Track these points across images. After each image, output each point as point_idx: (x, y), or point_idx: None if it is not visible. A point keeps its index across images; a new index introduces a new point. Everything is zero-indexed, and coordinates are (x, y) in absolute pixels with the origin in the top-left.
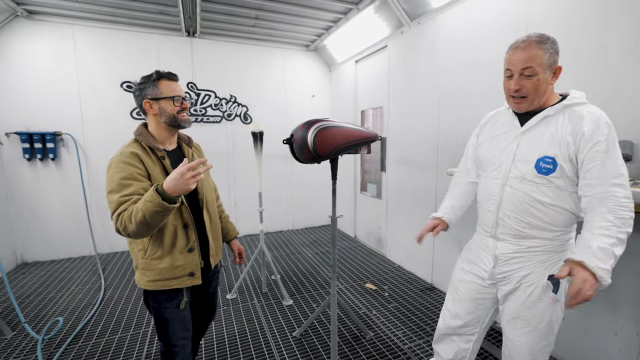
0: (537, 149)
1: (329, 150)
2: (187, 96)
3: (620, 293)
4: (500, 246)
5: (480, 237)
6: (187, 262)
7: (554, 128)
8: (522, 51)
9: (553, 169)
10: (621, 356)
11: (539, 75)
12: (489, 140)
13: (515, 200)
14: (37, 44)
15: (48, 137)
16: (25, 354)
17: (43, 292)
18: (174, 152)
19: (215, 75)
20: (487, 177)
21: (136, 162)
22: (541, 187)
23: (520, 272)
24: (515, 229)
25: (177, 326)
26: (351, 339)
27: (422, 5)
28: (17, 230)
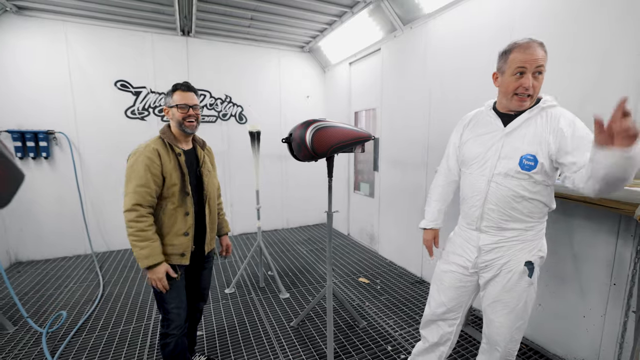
0: (520, 148)
1: (325, 148)
2: (196, 105)
3: (588, 278)
4: (484, 238)
5: (463, 231)
6: (181, 243)
7: (534, 128)
8: (536, 50)
9: (534, 165)
10: (588, 336)
11: (543, 75)
12: (472, 139)
13: (500, 195)
14: (27, 41)
15: (41, 135)
16: (30, 347)
17: (41, 289)
18: (188, 152)
19: (211, 75)
20: (472, 174)
21: (155, 158)
22: (523, 182)
23: (501, 260)
24: (499, 221)
25: (173, 295)
26: (345, 328)
27: (414, 11)
28: (11, 229)
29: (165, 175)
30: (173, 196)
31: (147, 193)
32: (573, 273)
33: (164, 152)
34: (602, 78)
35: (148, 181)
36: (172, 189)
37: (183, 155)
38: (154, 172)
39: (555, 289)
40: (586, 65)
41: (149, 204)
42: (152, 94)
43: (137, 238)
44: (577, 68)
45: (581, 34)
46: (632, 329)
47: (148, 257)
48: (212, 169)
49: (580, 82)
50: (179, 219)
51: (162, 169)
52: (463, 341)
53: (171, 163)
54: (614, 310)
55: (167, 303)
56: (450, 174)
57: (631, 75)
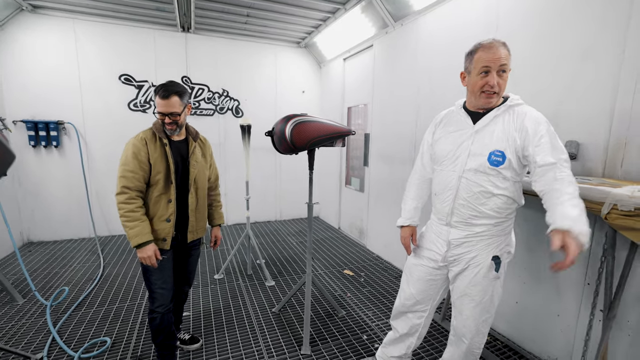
0: (488, 144)
1: (304, 142)
2: (173, 113)
3: (563, 277)
4: (453, 232)
5: (434, 225)
6: (163, 229)
7: (501, 125)
8: (498, 49)
9: (502, 161)
10: (563, 336)
11: (507, 73)
12: (444, 137)
13: (470, 191)
14: (40, 37)
15: (52, 125)
16: (35, 317)
17: (48, 267)
18: (179, 143)
19: (209, 69)
20: (444, 171)
21: (142, 147)
22: (492, 178)
23: (469, 255)
24: (468, 216)
25: (157, 276)
26: (324, 316)
27: (405, 7)
28: (24, 211)
29: (152, 163)
30: (158, 184)
31: (135, 178)
32: (549, 271)
33: (151, 141)
34: (585, 74)
35: (135, 167)
36: (157, 177)
37: (169, 146)
38: (140, 160)
39: (531, 286)
40: (569, 62)
41: (137, 188)
42: (153, 87)
43: (127, 219)
44: (561, 65)
45: (564, 31)
46: (598, 328)
47: (137, 235)
48: (203, 159)
49: (563, 79)
50: (162, 206)
51: (149, 156)
52: (437, 333)
53: (157, 152)
54: (587, 311)
55: (152, 283)
56: (425, 171)
57: (613, 73)
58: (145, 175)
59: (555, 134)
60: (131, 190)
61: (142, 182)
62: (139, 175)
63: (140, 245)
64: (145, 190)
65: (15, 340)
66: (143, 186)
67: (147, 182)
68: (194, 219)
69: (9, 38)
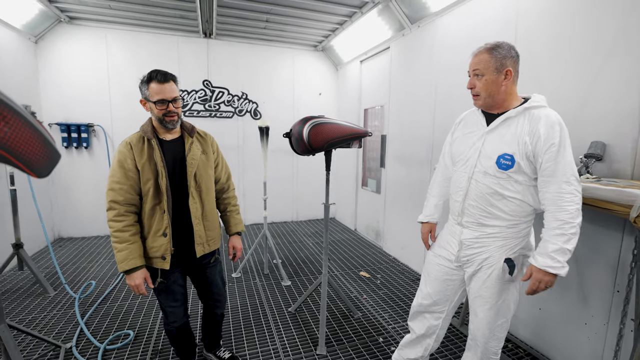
0: (498, 147)
1: (321, 143)
2: (176, 98)
3: (590, 285)
4: (465, 232)
5: (449, 225)
6: (160, 245)
7: (514, 129)
8: (474, 56)
9: (511, 164)
10: (589, 344)
11: (486, 77)
12: (460, 138)
13: (479, 192)
14: (75, 46)
15: (83, 128)
16: (65, 309)
17: (77, 262)
18: (173, 142)
19: (229, 73)
20: (457, 171)
21: (127, 152)
22: (501, 181)
23: (481, 255)
24: (478, 217)
25: (164, 297)
26: (340, 317)
27: (421, 10)
28: (56, 209)
29: (139, 169)
30: (149, 193)
31: (123, 190)
32: (575, 278)
33: (137, 145)
34: (611, 73)
35: (122, 177)
36: (148, 185)
37: (159, 147)
38: (127, 167)
39: (556, 293)
40: (594, 60)
41: (128, 202)
42: None
43: (115, 239)
44: (585, 63)
45: (588, 28)
46: (629, 337)
47: (124, 260)
48: (204, 156)
49: (587, 78)
50: (157, 218)
51: (136, 163)
52: (456, 338)
53: (144, 156)
54: (617, 319)
55: (162, 303)
56: (447, 170)
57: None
58: (134, 185)
59: (569, 144)
60: (120, 205)
61: (132, 193)
62: (127, 186)
63: (127, 272)
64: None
65: (48, 330)
66: (134, 198)
67: (139, 192)
68: (201, 229)
69: (47, 47)
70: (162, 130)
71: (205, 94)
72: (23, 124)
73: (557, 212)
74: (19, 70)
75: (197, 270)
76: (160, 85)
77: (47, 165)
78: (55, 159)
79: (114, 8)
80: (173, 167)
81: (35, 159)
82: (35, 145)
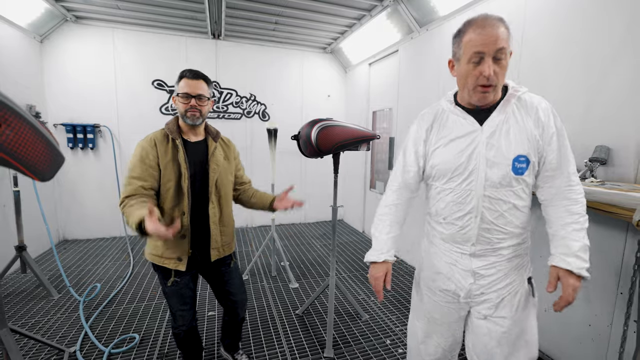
0: (509, 149)
1: (329, 146)
2: (201, 95)
3: (594, 286)
4: (476, 260)
5: (446, 252)
6: (177, 246)
7: (515, 123)
8: (494, 28)
9: (526, 167)
10: (594, 346)
11: (507, 57)
12: (443, 146)
13: (495, 211)
14: (82, 46)
15: (89, 128)
16: (69, 312)
17: (81, 264)
18: (196, 144)
19: (237, 74)
20: (455, 190)
21: (150, 149)
22: (517, 190)
23: (499, 284)
24: (494, 241)
25: (175, 300)
26: (347, 319)
27: (430, 13)
28: (60, 210)
29: (161, 168)
30: (168, 193)
31: (141, 186)
32: None
33: (162, 143)
34: (615, 77)
35: (142, 173)
36: (168, 185)
37: (183, 147)
38: (149, 164)
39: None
40: (599, 64)
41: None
42: None
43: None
44: (590, 67)
45: (594, 32)
46: (632, 339)
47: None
48: (226, 162)
49: (592, 82)
50: (175, 220)
51: (158, 160)
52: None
53: (168, 155)
54: (620, 321)
55: (171, 306)
56: (406, 190)
57: None
58: (153, 182)
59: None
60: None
61: (149, 190)
62: (147, 182)
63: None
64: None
65: (51, 334)
66: (151, 195)
67: (158, 191)
68: (217, 234)
69: (53, 47)
70: (187, 129)
71: (213, 95)
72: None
73: (571, 205)
74: (24, 70)
75: (213, 273)
76: (188, 80)
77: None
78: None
79: (122, 8)
80: (194, 170)
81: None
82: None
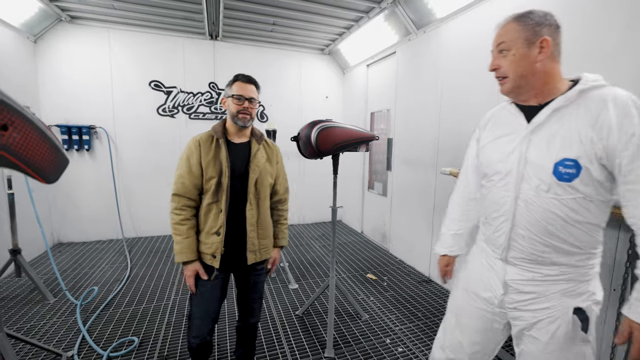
0: (552, 151)
1: (329, 147)
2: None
3: None
4: (511, 271)
5: (485, 255)
6: (212, 243)
7: (568, 122)
8: (498, 28)
9: (576, 173)
10: None
11: (514, 50)
12: (491, 144)
13: (532, 218)
14: (77, 46)
15: (84, 130)
16: (66, 316)
17: (77, 268)
18: (240, 145)
19: None
20: (494, 189)
21: (195, 148)
22: (564, 200)
23: (536, 304)
24: (532, 252)
25: (198, 303)
26: (347, 319)
27: (427, 16)
28: (55, 213)
29: (203, 167)
30: (209, 191)
31: (184, 184)
32: None
33: (206, 143)
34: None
35: (186, 172)
36: (210, 183)
37: (225, 146)
38: (192, 163)
39: None
40: (603, 64)
41: (188, 196)
42: (181, 93)
43: (174, 231)
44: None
45: (592, 28)
46: None
47: (180, 253)
48: (268, 164)
49: None
50: (212, 216)
51: (201, 160)
52: None
53: (210, 155)
54: (613, 317)
55: (192, 310)
56: (468, 189)
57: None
58: (196, 181)
59: None
60: (180, 198)
61: (192, 188)
62: (191, 179)
63: (184, 263)
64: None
65: (47, 338)
66: (194, 194)
67: (201, 189)
68: (254, 236)
69: (47, 47)
70: (233, 131)
71: (211, 96)
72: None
73: None
74: (17, 70)
75: (244, 275)
76: (243, 84)
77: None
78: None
79: (118, 8)
80: (235, 170)
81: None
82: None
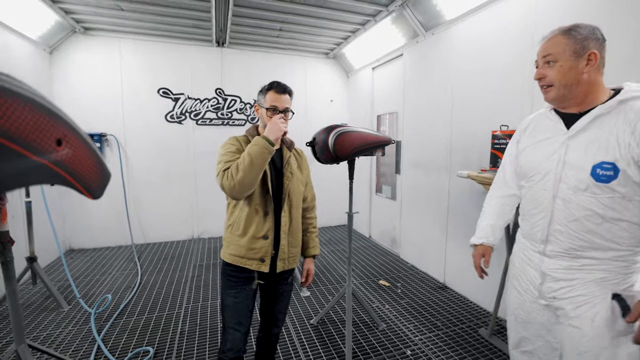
0: (590, 154)
1: (347, 152)
2: (289, 111)
3: None
4: (548, 262)
5: (524, 248)
6: (261, 247)
7: (608, 130)
8: (545, 41)
9: (614, 175)
10: None
11: (561, 62)
12: (531, 147)
13: (570, 215)
14: (89, 56)
15: (95, 137)
16: (80, 325)
17: (89, 274)
18: None
19: (241, 81)
20: (533, 188)
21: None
22: (601, 198)
23: (574, 291)
24: (570, 247)
25: (232, 314)
26: (364, 329)
27: (436, 17)
28: (68, 220)
29: None
30: (252, 194)
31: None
32: None
33: (245, 144)
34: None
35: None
36: None
37: None
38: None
39: None
40: (616, 65)
41: None
42: (189, 100)
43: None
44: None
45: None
46: None
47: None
48: (299, 172)
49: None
50: (257, 220)
51: None
52: (486, 350)
53: None
54: None
55: (226, 320)
56: (506, 187)
57: None
58: None
59: None
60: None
61: None
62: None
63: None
64: (236, 204)
65: (64, 347)
66: None
67: None
68: (286, 244)
69: (61, 57)
70: None
71: (218, 102)
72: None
73: None
74: (34, 80)
75: (272, 284)
76: (277, 95)
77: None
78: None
79: (129, 18)
80: (270, 176)
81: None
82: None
